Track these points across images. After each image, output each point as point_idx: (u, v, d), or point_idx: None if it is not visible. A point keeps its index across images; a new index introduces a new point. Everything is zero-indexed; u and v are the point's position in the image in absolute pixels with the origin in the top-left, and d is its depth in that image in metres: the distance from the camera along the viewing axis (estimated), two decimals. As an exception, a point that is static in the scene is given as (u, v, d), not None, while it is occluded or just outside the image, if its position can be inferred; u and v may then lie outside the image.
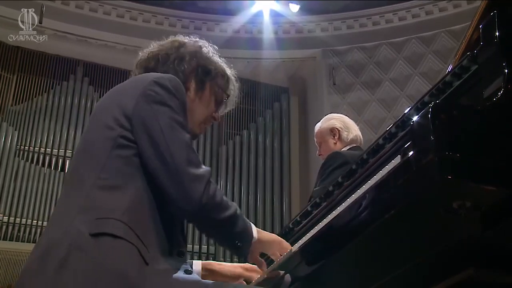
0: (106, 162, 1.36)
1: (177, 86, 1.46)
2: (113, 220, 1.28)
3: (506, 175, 1.07)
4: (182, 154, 1.35)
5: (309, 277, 1.53)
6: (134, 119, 1.38)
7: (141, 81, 1.46)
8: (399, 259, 1.29)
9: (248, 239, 1.48)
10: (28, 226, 7.64)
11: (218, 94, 1.68)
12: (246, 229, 1.48)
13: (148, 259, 1.28)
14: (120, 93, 1.49)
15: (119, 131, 1.38)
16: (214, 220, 1.39)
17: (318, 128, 3.17)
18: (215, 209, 1.37)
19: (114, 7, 8.65)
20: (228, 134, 9.12)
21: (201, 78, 1.64)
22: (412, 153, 1.11)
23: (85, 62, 8.83)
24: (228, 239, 1.49)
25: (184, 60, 1.63)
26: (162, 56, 1.64)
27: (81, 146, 1.46)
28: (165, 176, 1.34)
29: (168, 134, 1.36)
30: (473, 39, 1.71)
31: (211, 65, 1.67)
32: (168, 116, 1.39)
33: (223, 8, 8.90)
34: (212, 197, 1.36)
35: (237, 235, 1.45)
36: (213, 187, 1.38)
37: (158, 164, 1.35)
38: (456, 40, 7.92)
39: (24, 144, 8.12)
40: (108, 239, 1.25)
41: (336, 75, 8.64)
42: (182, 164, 1.34)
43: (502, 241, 1.16)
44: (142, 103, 1.40)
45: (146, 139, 1.36)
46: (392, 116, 8.05)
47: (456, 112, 1.12)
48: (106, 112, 1.44)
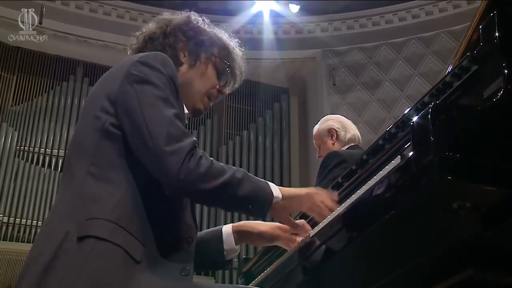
0: (95, 154, 1.32)
1: (162, 61, 1.40)
2: (101, 220, 1.25)
3: (506, 175, 1.07)
4: (161, 130, 1.28)
5: (310, 277, 1.53)
6: (117, 103, 1.34)
7: (125, 64, 1.41)
8: (399, 259, 1.29)
9: (262, 199, 1.38)
10: (28, 226, 7.65)
11: (218, 64, 1.60)
12: (258, 189, 1.38)
13: (140, 257, 1.25)
14: (106, 79, 1.44)
15: (106, 118, 1.34)
16: (204, 191, 1.30)
17: (316, 130, 3.19)
18: (201, 180, 1.28)
19: (114, 8, 8.65)
20: (228, 134, 9.12)
21: (194, 49, 1.57)
22: (412, 153, 1.11)
23: (85, 63, 8.84)
24: (234, 206, 1.41)
25: (171, 34, 1.57)
26: (149, 35, 1.59)
27: (72, 139, 1.43)
28: (146, 156, 1.29)
29: (147, 113, 1.30)
30: (473, 40, 1.71)
31: (202, 35, 1.60)
32: (149, 94, 1.32)
33: (223, 8, 8.90)
34: (194, 168, 1.27)
35: (245, 199, 1.35)
36: (195, 158, 1.28)
37: (139, 145, 1.30)
38: (456, 41, 7.92)
39: (24, 144, 8.12)
40: (91, 242, 1.22)
41: (336, 76, 8.64)
42: (160, 140, 1.27)
43: (502, 241, 1.16)
44: (124, 85, 1.35)
45: (127, 122, 1.32)
46: (392, 116, 8.05)
47: (456, 112, 1.12)
48: (93, 101, 1.40)
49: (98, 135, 1.33)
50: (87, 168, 1.31)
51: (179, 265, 1.33)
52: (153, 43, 1.57)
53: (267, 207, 1.39)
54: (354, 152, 2.80)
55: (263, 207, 1.39)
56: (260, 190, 1.38)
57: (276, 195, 1.41)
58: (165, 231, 1.33)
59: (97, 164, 1.31)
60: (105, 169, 1.31)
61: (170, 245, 1.34)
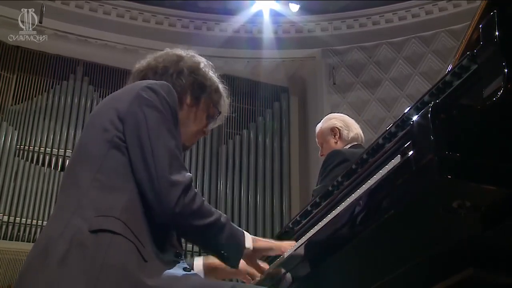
0: (103, 163, 1.38)
1: (169, 93, 1.49)
2: (111, 218, 1.30)
3: (506, 175, 1.07)
4: (164, 160, 1.37)
5: (309, 277, 1.53)
6: (126, 121, 1.41)
7: (135, 86, 1.50)
8: (399, 259, 1.29)
9: (236, 249, 1.49)
10: (28, 225, 7.64)
11: (211, 110, 1.72)
12: (234, 238, 1.49)
13: (146, 257, 1.30)
14: (115, 98, 1.52)
15: (114, 132, 1.41)
16: (192, 227, 1.39)
17: (319, 129, 3.18)
18: (192, 217, 1.37)
19: (114, 7, 8.65)
20: (228, 133, 9.12)
21: (197, 94, 1.67)
22: (412, 152, 1.11)
23: (85, 62, 8.83)
24: (212, 248, 1.50)
25: (182, 74, 1.65)
26: (161, 69, 1.66)
27: (77, 148, 1.48)
28: (146, 181, 1.36)
29: (154, 139, 1.38)
30: (473, 39, 1.71)
31: (207, 81, 1.70)
32: (157, 121, 1.41)
33: (223, 7, 8.90)
34: (188, 204, 1.35)
35: (222, 244, 1.46)
36: (190, 194, 1.37)
37: (141, 168, 1.37)
38: (456, 40, 7.92)
39: (24, 143, 8.12)
40: (108, 235, 1.27)
41: (336, 75, 8.64)
42: (162, 170, 1.35)
43: (502, 241, 1.16)
44: (134, 106, 1.43)
45: (134, 141, 1.39)
46: (392, 115, 8.05)
47: (456, 111, 1.12)
48: (102, 116, 1.46)
49: (107, 146, 1.40)
50: (94, 175, 1.37)
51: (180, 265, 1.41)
52: (164, 77, 1.64)
53: (239, 256, 1.51)
54: (356, 151, 2.80)
55: (237, 256, 1.51)
56: (237, 239, 1.50)
57: (247, 246, 1.52)
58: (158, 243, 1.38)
59: (104, 172, 1.37)
60: (111, 178, 1.37)
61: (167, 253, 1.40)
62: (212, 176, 8.66)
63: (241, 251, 1.50)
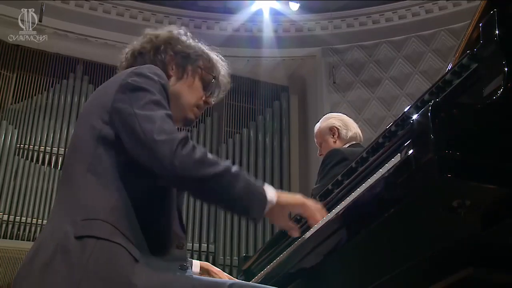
0: (92, 161, 1.36)
1: (154, 71, 1.46)
2: (98, 221, 1.28)
3: (506, 174, 1.06)
4: (152, 126, 1.31)
5: (309, 275, 1.53)
6: (112, 111, 1.39)
7: (120, 76, 1.48)
8: (399, 257, 1.29)
9: (257, 198, 1.37)
10: (27, 224, 7.65)
11: (204, 77, 1.66)
12: (252, 188, 1.36)
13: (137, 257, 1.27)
14: (101, 91, 1.50)
15: (101, 127, 1.38)
16: (199, 179, 1.30)
17: (318, 129, 3.18)
18: (195, 166, 1.29)
19: (114, 6, 8.65)
20: (228, 132, 9.12)
21: (181, 63, 1.63)
22: (411, 151, 1.11)
23: (85, 61, 8.83)
24: (228, 200, 1.37)
25: (159, 50, 1.63)
26: (138, 51, 1.64)
27: (69, 147, 1.48)
28: (139, 150, 1.32)
29: (140, 114, 1.34)
30: (473, 38, 1.71)
31: (188, 49, 1.66)
32: (142, 98, 1.37)
33: (223, 6, 8.90)
34: (187, 154, 1.29)
35: (240, 195, 1.34)
36: (188, 147, 1.31)
37: (133, 143, 1.33)
38: (456, 39, 7.92)
39: (24, 142, 8.12)
40: (92, 241, 1.25)
41: (336, 74, 8.64)
42: (152, 133, 1.30)
43: (502, 240, 1.16)
44: (119, 94, 1.40)
45: (121, 125, 1.36)
46: (392, 114, 8.05)
47: (456, 110, 1.11)
48: (90, 111, 1.45)
49: (95, 144, 1.37)
50: (84, 173, 1.35)
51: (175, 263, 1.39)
52: (143, 58, 1.62)
53: (261, 209, 1.38)
54: (355, 150, 2.80)
55: (259, 209, 1.37)
56: (254, 190, 1.37)
57: (270, 199, 1.39)
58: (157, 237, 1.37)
59: (94, 170, 1.35)
60: (101, 176, 1.35)
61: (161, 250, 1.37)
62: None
63: (264, 200, 1.37)
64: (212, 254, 8.19)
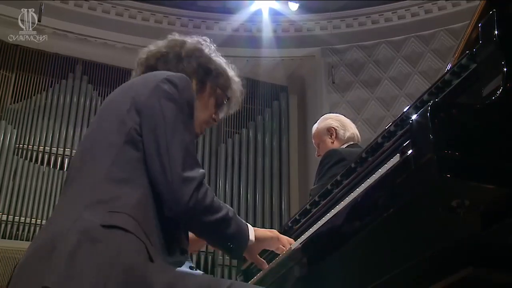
0: (118, 156, 1.36)
1: (186, 85, 1.46)
2: (124, 214, 1.28)
3: (505, 174, 1.07)
4: (178, 156, 1.35)
5: (308, 276, 1.53)
6: (143, 113, 1.40)
7: (153, 77, 1.47)
8: (398, 257, 1.29)
9: (242, 241, 1.49)
10: (27, 224, 7.65)
11: (218, 95, 1.67)
12: (240, 231, 1.49)
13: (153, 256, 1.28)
14: (132, 88, 1.48)
15: (131, 125, 1.38)
16: (204, 223, 1.39)
17: (315, 129, 3.19)
18: (204, 212, 1.37)
19: (113, 6, 8.65)
20: (227, 132, 9.12)
21: (202, 78, 1.63)
22: (411, 151, 1.11)
23: (84, 61, 8.82)
24: (220, 241, 1.49)
25: (184, 59, 1.62)
26: (162, 55, 1.62)
27: (91, 138, 1.45)
28: (160, 175, 1.35)
29: (170, 134, 1.37)
30: (472, 38, 1.71)
31: (211, 64, 1.65)
32: (174, 115, 1.39)
33: (222, 6, 8.90)
34: (201, 200, 1.35)
35: (230, 238, 1.46)
36: (203, 190, 1.37)
37: (156, 163, 1.35)
38: (455, 39, 7.92)
39: (23, 142, 8.12)
40: (120, 233, 1.24)
41: (335, 74, 8.64)
42: (176, 166, 1.34)
43: (502, 240, 1.16)
44: (153, 98, 1.41)
45: (150, 135, 1.37)
46: (391, 114, 8.05)
47: (455, 110, 1.12)
48: (118, 106, 1.44)
49: (123, 139, 1.37)
50: (108, 167, 1.34)
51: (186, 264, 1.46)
52: (166, 64, 1.61)
53: (244, 248, 1.51)
54: (353, 150, 2.81)
55: (242, 248, 1.51)
56: (242, 232, 1.50)
57: (251, 238, 1.52)
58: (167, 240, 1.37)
59: (118, 165, 1.35)
60: (126, 171, 1.35)
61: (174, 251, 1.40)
62: (211, 175, 8.65)
63: (246, 243, 1.50)
64: (211, 254, 8.19)
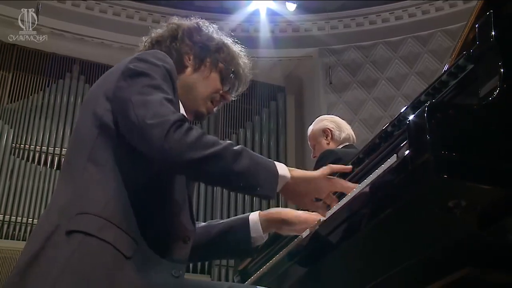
0: (93, 150, 1.32)
1: (158, 56, 1.42)
2: (90, 215, 1.25)
3: (502, 174, 1.07)
4: (146, 110, 1.27)
5: (306, 275, 1.53)
6: (113, 99, 1.35)
7: (123, 62, 1.44)
8: (396, 258, 1.29)
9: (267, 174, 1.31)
10: (23, 224, 7.63)
11: (223, 70, 1.63)
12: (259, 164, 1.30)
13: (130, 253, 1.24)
14: (104, 78, 1.46)
15: (102, 114, 1.35)
16: (191, 161, 1.24)
17: (311, 131, 3.21)
18: (187, 149, 1.23)
19: (111, 5, 8.64)
20: (225, 132, 9.11)
21: (199, 54, 1.60)
22: (408, 152, 1.11)
23: (81, 60, 8.81)
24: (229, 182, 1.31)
25: (178, 38, 1.59)
26: (156, 39, 1.61)
27: (72, 134, 1.45)
28: (133, 135, 1.29)
29: (135, 99, 1.30)
30: (469, 39, 1.71)
31: (209, 41, 1.63)
32: (141, 84, 1.33)
33: (219, 6, 8.89)
34: (179, 139, 1.23)
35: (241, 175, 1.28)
36: (182, 129, 1.25)
37: (127, 130, 1.30)
38: (452, 40, 7.93)
39: (20, 142, 8.10)
40: (79, 237, 1.22)
41: (333, 74, 8.65)
42: (144, 117, 1.26)
43: (499, 240, 1.17)
44: (120, 81, 1.36)
45: (120, 114, 1.33)
46: (388, 115, 8.06)
47: (452, 111, 1.12)
48: (92, 99, 1.42)
49: (96, 132, 1.34)
50: (84, 163, 1.32)
51: (171, 265, 1.33)
52: (160, 46, 1.59)
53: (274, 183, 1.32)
54: (349, 151, 2.82)
55: (271, 183, 1.31)
56: (262, 168, 1.31)
57: (282, 174, 1.34)
58: (161, 230, 1.33)
59: (94, 160, 1.32)
60: (101, 165, 1.31)
61: (164, 244, 1.33)
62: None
63: (274, 176, 1.32)
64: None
